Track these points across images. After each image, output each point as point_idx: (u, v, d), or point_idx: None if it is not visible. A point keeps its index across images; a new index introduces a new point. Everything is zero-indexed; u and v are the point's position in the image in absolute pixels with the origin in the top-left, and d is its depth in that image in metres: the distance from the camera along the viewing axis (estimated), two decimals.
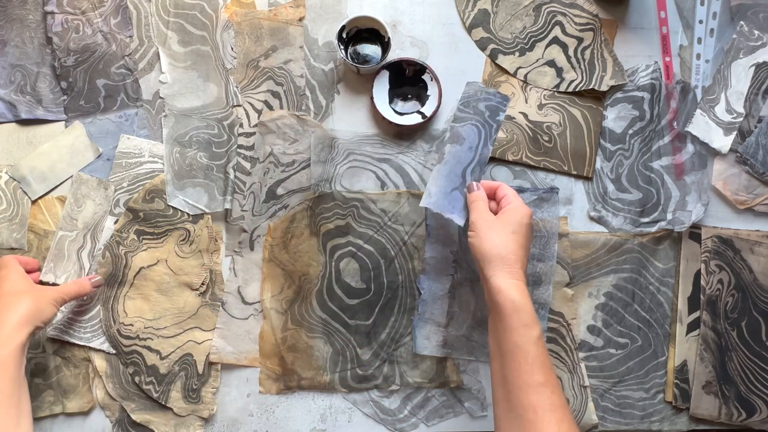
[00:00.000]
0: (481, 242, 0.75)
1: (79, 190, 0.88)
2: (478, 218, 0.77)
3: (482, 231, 0.76)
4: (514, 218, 0.76)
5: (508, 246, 0.74)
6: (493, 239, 0.75)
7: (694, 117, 0.90)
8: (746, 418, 0.88)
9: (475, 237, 0.76)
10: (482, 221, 0.77)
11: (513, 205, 0.77)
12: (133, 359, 0.87)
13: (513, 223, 0.76)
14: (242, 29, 0.91)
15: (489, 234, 0.75)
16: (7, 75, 0.90)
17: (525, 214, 0.77)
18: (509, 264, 0.73)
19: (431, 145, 0.90)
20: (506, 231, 0.75)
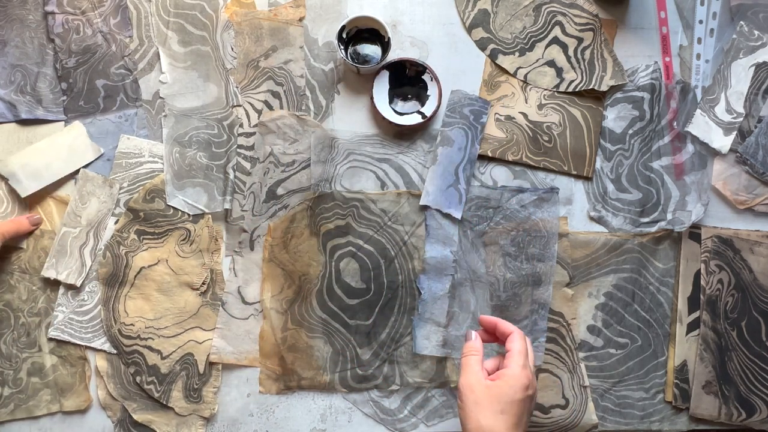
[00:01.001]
0: (464, 421, 0.69)
1: (84, 188, 0.89)
2: (465, 385, 0.70)
3: (468, 406, 0.69)
4: (507, 393, 0.69)
5: (494, 425, 0.67)
6: (478, 420, 0.68)
7: (694, 117, 0.91)
8: (746, 418, 0.89)
9: (461, 411, 0.70)
10: (469, 392, 0.69)
11: (509, 373, 0.70)
12: (134, 359, 0.88)
13: (503, 400, 0.68)
14: (242, 29, 0.91)
15: (474, 412, 0.68)
16: (7, 75, 0.91)
17: (520, 386, 0.69)
18: None
19: (431, 145, 0.91)
20: (495, 410, 0.68)
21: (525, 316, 0.89)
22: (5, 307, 0.88)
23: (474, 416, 0.68)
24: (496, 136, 0.91)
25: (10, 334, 0.88)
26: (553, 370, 0.89)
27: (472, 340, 0.75)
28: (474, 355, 0.73)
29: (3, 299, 0.88)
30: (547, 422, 0.88)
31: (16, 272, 0.88)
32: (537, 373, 0.89)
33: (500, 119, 0.91)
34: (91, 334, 0.88)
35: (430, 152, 0.91)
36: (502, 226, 0.90)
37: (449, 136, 0.90)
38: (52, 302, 0.88)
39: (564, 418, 0.89)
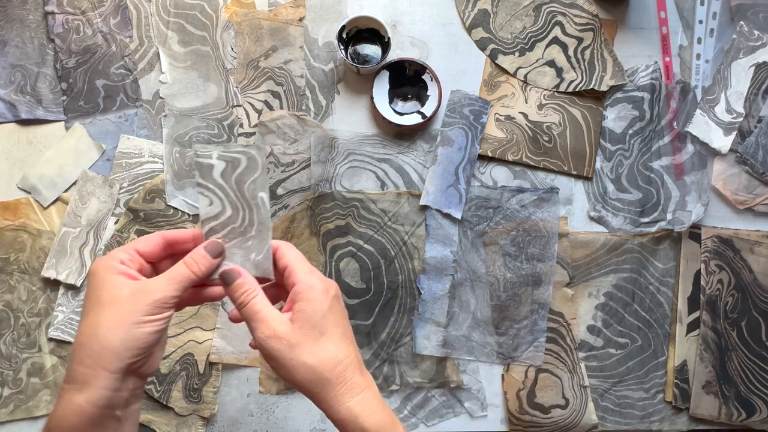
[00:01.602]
0: (291, 374, 0.54)
1: (84, 188, 0.89)
2: (267, 339, 0.54)
3: (284, 357, 0.54)
4: (316, 308, 0.55)
5: (329, 359, 0.54)
6: (306, 361, 0.54)
7: (694, 117, 0.91)
8: (746, 418, 0.89)
9: (280, 368, 0.54)
10: (275, 342, 0.54)
11: (302, 286, 0.56)
12: None
13: (317, 318, 0.55)
14: (242, 29, 0.91)
15: (296, 357, 0.54)
16: (7, 75, 0.91)
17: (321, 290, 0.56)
18: (339, 382, 0.54)
19: (431, 145, 0.91)
20: (314, 336, 0.54)
21: (525, 316, 0.89)
22: (5, 308, 0.88)
23: (298, 362, 0.53)
24: (496, 136, 0.91)
25: (10, 335, 0.88)
26: (553, 370, 0.89)
27: (240, 279, 0.57)
28: (255, 296, 0.56)
29: (3, 299, 0.88)
30: (547, 422, 0.89)
31: (16, 273, 0.88)
32: (537, 373, 0.89)
33: (500, 119, 0.91)
34: None
35: (430, 152, 0.91)
36: (502, 226, 0.90)
37: (449, 136, 0.90)
38: (52, 302, 0.89)
39: (564, 418, 0.89)
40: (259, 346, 0.55)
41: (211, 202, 0.59)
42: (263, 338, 0.54)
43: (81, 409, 0.51)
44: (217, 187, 0.59)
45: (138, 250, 0.56)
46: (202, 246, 0.57)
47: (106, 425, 0.53)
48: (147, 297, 0.52)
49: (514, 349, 0.90)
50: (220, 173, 0.58)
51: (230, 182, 0.58)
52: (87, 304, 0.54)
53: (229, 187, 0.59)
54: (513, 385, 0.89)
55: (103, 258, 0.55)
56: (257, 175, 0.58)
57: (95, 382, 0.51)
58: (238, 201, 0.59)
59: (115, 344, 0.51)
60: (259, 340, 0.54)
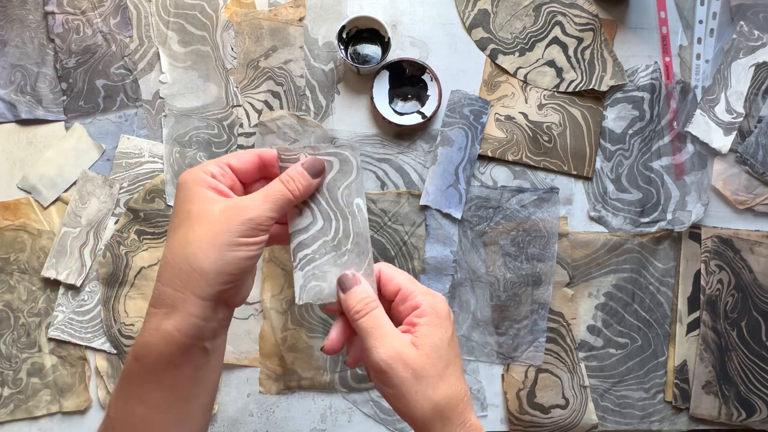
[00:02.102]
0: (411, 408, 0.48)
1: (84, 188, 0.89)
2: (390, 360, 0.48)
3: (408, 387, 0.48)
4: (442, 336, 0.49)
5: (455, 395, 0.48)
6: (432, 396, 0.48)
7: (694, 117, 0.91)
8: (746, 418, 0.89)
9: (399, 399, 0.48)
10: (401, 365, 0.47)
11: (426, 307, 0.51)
12: None
13: (444, 347, 0.49)
14: (242, 29, 0.92)
15: (422, 389, 0.48)
16: (7, 75, 0.91)
17: (446, 318, 0.51)
18: (461, 422, 0.49)
19: (431, 145, 0.91)
20: (440, 368, 0.48)
21: (525, 316, 0.90)
22: (5, 308, 0.88)
23: (424, 396, 0.48)
24: (496, 136, 0.91)
25: (10, 335, 0.88)
26: (553, 370, 0.90)
27: (358, 286, 0.51)
28: (376, 307, 0.50)
29: (3, 299, 0.88)
30: (547, 422, 0.89)
31: (16, 273, 0.89)
32: (537, 373, 0.89)
33: (500, 119, 0.92)
34: (91, 334, 0.88)
35: (430, 152, 0.92)
36: (502, 226, 0.91)
37: (449, 136, 0.91)
38: (52, 302, 0.89)
39: (564, 418, 0.89)
40: (375, 366, 0.48)
41: (299, 212, 0.52)
42: (385, 359, 0.47)
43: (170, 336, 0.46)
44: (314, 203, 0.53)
45: (231, 165, 0.51)
46: (300, 163, 0.51)
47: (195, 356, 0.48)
48: (241, 215, 0.47)
49: (514, 349, 0.90)
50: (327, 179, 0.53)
51: (321, 188, 0.52)
52: (175, 220, 0.49)
53: (320, 194, 0.52)
54: (513, 385, 0.89)
55: (193, 169, 0.49)
56: (352, 179, 0.52)
57: (184, 308, 0.46)
58: (330, 210, 0.52)
59: (206, 267, 0.46)
60: (379, 360, 0.48)
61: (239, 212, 0.47)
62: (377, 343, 0.48)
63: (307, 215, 0.52)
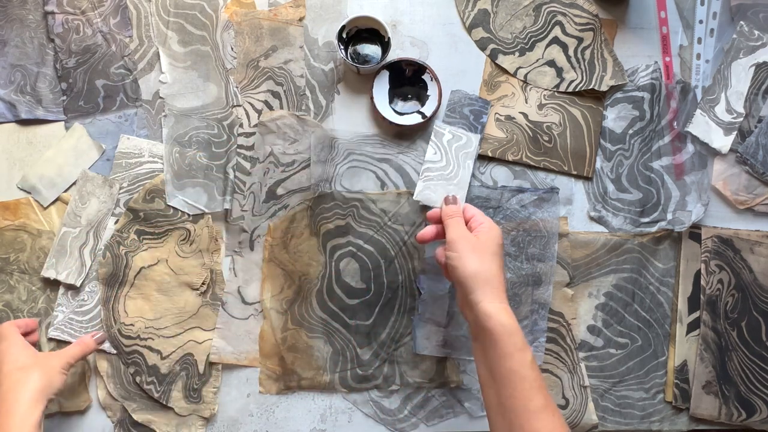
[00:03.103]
0: (465, 265, 0.73)
1: (84, 188, 0.90)
2: (459, 238, 0.76)
3: (465, 253, 0.74)
4: (493, 239, 0.76)
5: (492, 269, 0.74)
6: (478, 262, 0.73)
7: (694, 117, 0.92)
8: (746, 418, 0.90)
9: (458, 259, 0.74)
10: (464, 241, 0.75)
11: (486, 226, 0.78)
12: (134, 359, 0.88)
13: (493, 245, 0.76)
14: (242, 29, 0.92)
15: (473, 257, 0.74)
16: (7, 75, 0.92)
17: (499, 234, 0.77)
18: (496, 287, 0.73)
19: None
20: (488, 252, 0.75)
21: (525, 316, 0.90)
22: (5, 308, 0.89)
23: (473, 259, 0.73)
24: (496, 136, 0.92)
25: None
26: (553, 370, 0.90)
27: (453, 204, 0.81)
28: (458, 216, 0.79)
29: (3, 300, 0.89)
30: None
31: (16, 273, 0.89)
32: None
33: (500, 119, 0.92)
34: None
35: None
36: (503, 226, 0.91)
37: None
38: (52, 303, 0.89)
39: (564, 418, 0.89)
40: (450, 235, 0.77)
41: (435, 152, 0.90)
42: (457, 236, 0.76)
43: None
44: (442, 146, 0.90)
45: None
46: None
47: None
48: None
49: None
50: (447, 140, 0.90)
51: (451, 148, 0.90)
52: None
53: (450, 149, 0.90)
54: None
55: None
56: (471, 150, 0.90)
57: None
58: (453, 159, 0.89)
59: None
60: (454, 237, 0.76)
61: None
62: (454, 229, 0.77)
63: (439, 155, 0.89)
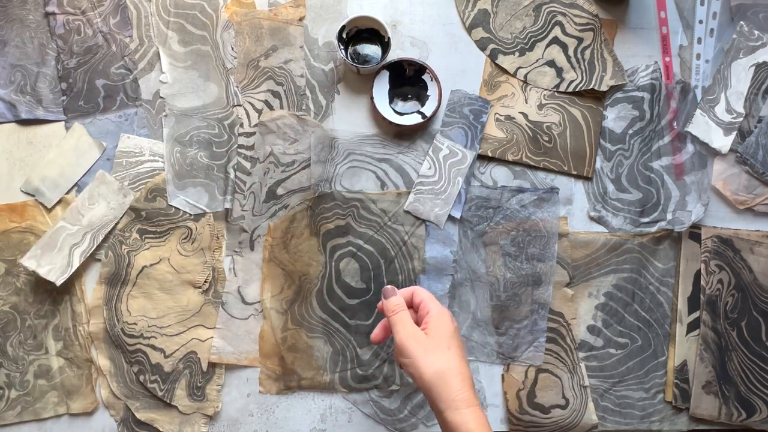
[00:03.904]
0: (421, 371, 0.68)
1: (97, 188, 0.91)
2: (407, 338, 0.70)
3: (418, 356, 0.69)
4: (445, 328, 0.71)
5: (451, 365, 0.69)
6: (435, 363, 0.68)
7: (694, 117, 0.93)
8: (746, 418, 0.91)
9: (412, 366, 0.69)
10: (414, 342, 0.70)
11: (435, 313, 0.72)
12: (138, 358, 0.90)
13: (446, 336, 0.70)
14: (242, 29, 0.94)
15: (427, 359, 0.69)
16: (7, 75, 0.93)
17: (449, 319, 0.72)
18: (459, 387, 0.67)
19: (431, 146, 0.94)
20: (443, 348, 0.70)
21: (525, 316, 0.92)
22: (11, 310, 0.90)
23: (429, 362, 0.68)
24: (496, 136, 0.94)
25: (17, 337, 0.90)
26: (553, 370, 0.91)
27: (394, 297, 0.74)
28: (403, 311, 0.73)
29: (9, 301, 0.90)
30: (547, 422, 0.91)
31: (23, 275, 0.90)
32: (537, 373, 0.91)
33: (500, 119, 0.94)
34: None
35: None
36: (502, 226, 0.92)
37: (449, 136, 0.93)
38: (59, 304, 0.90)
39: (564, 418, 0.91)
40: (398, 344, 0.71)
41: (430, 166, 0.92)
42: (404, 338, 0.71)
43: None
44: (437, 161, 0.92)
45: None
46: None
47: None
48: None
49: (514, 349, 0.92)
50: (444, 155, 0.92)
51: (446, 163, 0.92)
52: None
53: (445, 165, 0.92)
54: (513, 385, 0.91)
55: None
56: (463, 167, 0.91)
57: None
58: (445, 175, 0.91)
59: None
60: (400, 338, 0.71)
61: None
62: (400, 328, 0.72)
63: (433, 169, 0.92)
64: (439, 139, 0.93)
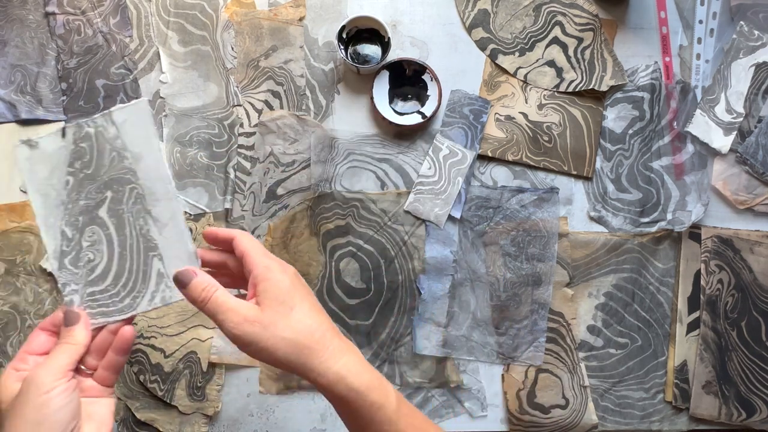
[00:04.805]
0: (272, 354, 0.56)
1: None
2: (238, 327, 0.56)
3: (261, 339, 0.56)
4: (279, 287, 0.58)
5: (304, 329, 0.57)
6: (283, 336, 0.56)
7: (694, 117, 0.94)
8: (746, 418, 0.92)
9: (259, 352, 0.56)
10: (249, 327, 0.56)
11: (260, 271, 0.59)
12: (138, 358, 0.90)
13: (283, 295, 0.58)
14: (242, 29, 0.95)
15: (273, 336, 0.56)
16: (7, 75, 0.94)
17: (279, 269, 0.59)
18: (321, 347, 0.57)
19: (431, 146, 0.94)
20: (285, 313, 0.57)
21: (525, 316, 0.92)
22: (12, 310, 0.91)
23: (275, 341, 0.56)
24: (496, 136, 0.94)
25: (17, 337, 0.90)
26: (553, 370, 0.92)
27: (197, 277, 0.59)
28: (217, 290, 0.58)
29: (9, 302, 0.91)
30: (547, 422, 0.91)
31: (22, 274, 0.91)
32: (537, 373, 0.92)
33: (500, 119, 0.95)
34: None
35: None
36: (502, 226, 0.93)
37: (449, 136, 0.94)
38: (59, 304, 0.91)
39: (564, 418, 0.91)
40: (231, 336, 0.56)
41: (430, 166, 0.92)
42: (234, 326, 0.56)
43: None
44: (437, 161, 0.92)
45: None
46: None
47: None
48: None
49: (514, 349, 0.92)
50: (444, 155, 0.92)
51: (446, 163, 0.92)
52: None
53: (445, 165, 0.92)
54: (513, 385, 0.92)
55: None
56: (463, 167, 0.91)
57: None
58: (445, 175, 0.91)
59: None
60: (231, 329, 0.56)
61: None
62: (224, 318, 0.56)
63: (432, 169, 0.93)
64: (439, 139, 0.93)
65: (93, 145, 0.62)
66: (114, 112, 0.62)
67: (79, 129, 0.62)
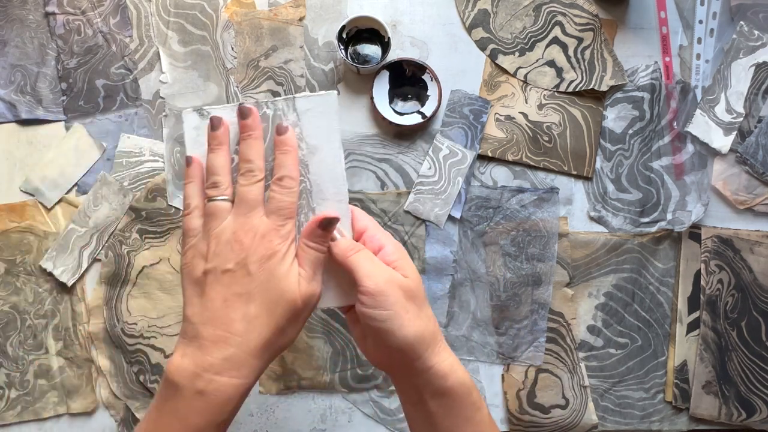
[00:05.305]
0: (404, 328, 0.56)
1: (100, 190, 0.92)
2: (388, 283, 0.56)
3: (400, 308, 0.56)
4: (418, 275, 0.61)
5: (431, 316, 0.60)
6: (420, 317, 0.58)
7: (694, 117, 0.94)
8: (746, 418, 0.92)
9: (392, 319, 0.56)
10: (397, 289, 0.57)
11: (396, 248, 0.61)
12: (138, 358, 0.91)
13: (421, 285, 0.60)
14: (242, 29, 0.95)
15: (411, 311, 0.57)
16: (7, 75, 0.94)
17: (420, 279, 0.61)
18: (440, 337, 0.60)
19: (431, 146, 0.94)
20: (423, 301, 0.60)
21: (525, 316, 0.92)
22: (11, 309, 0.91)
23: (412, 317, 0.57)
24: (496, 136, 0.95)
25: (17, 337, 0.91)
26: (553, 370, 0.92)
27: (344, 238, 0.60)
28: (362, 249, 0.59)
29: (9, 301, 0.91)
30: (547, 422, 0.92)
31: (22, 274, 0.91)
32: (537, 373, 0.92)
33: (500, 119, 0.95)
34: None
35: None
36: (502, 226, 0.93)
37: (449, 136, 0.94)
38: (59, 304, 0.91)
39: (564, 418, 0.92)
40: (373, 292, 0.56)
41: (430, 167, 0.92)
42: (380, 282, 0.56)
43: None
44: (437, 161, 0.92)
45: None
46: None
47: None
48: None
49: (514, 349, 0.93)
50: (444, 155, 0.92)
51: (446, 163, 0.91)
52: None
53: (445, 165, 0.91)
54: (513, 385, 0.92)
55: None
56: (463, 167, 0.91)
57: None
58: (445, 175, 0.91)
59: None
60: (375, 285, 0.56)
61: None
62: (373, 271, 0.57)
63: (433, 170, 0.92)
64: (439, 139, 0.93)
65: (268, 127, 0.61)
66: (298, 99, 0.61)
67: (257, 108, 0.61)
